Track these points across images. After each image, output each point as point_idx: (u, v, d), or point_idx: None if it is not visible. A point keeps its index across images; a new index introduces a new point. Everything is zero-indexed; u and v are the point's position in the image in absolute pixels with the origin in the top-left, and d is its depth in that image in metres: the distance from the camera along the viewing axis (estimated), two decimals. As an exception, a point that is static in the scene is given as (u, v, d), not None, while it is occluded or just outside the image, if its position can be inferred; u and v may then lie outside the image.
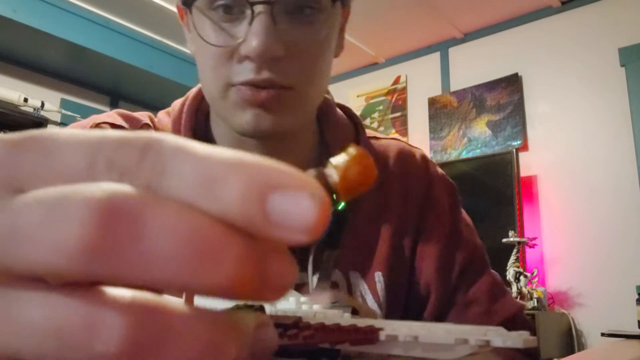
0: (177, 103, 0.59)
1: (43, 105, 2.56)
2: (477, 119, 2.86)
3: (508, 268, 2.28)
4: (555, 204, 2.53)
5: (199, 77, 0.53)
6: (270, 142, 0.53)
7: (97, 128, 0.55)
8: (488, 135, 2.80)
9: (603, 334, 1.48)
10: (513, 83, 2.75)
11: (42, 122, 2.53)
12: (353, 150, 0.17)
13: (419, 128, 3.09)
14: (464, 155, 2.83)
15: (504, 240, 2.30)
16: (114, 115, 0.57)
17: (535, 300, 2.22)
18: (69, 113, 2.66)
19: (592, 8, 2.58)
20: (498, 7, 2.74)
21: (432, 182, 0.61)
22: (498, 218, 2.43)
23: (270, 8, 0.45)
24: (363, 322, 0.26)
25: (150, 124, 0.58)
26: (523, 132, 2.68)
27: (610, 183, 2.39)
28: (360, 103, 3.37)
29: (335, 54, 0.55)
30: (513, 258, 2.29)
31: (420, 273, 0.58)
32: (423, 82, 3.13)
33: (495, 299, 0.58)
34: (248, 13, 0.46)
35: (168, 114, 0.59)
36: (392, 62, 3.27)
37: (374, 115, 3.30)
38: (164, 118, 0.59)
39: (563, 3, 2.66)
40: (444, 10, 2.78)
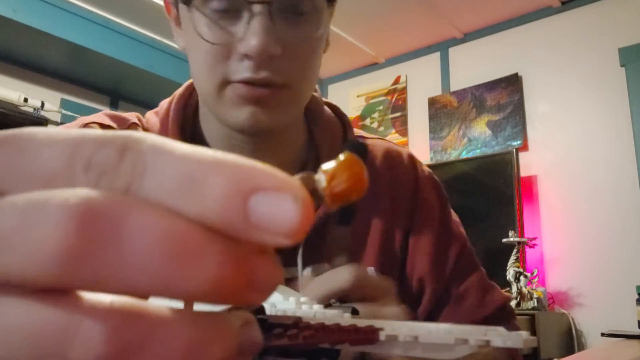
0: (164, 102, 0.60)
1: (43, 105, 2.56)
2: (477, 119, 2.86)
3: (508, 268, 2.28)
4: (555, 204, 2.53)
5: (192, 73, 0.54)
6: (260, 138, 0.54)
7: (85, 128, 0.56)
8: (488, 135, 2.80)
9: (603, 334, 1.48)
10: (513, 83, 2.75)
11: (42, 122, 2.54)
12: (343, 157, 0.17)
13: (419, 128, 3.09)
14: (464, 155, 2.83)
15: (504, 240, 2.31)
16: (102, 116, 0.58)
17: (535, 300, 2.22)
18: (69, 113, 2.66)
19: (592, 8, 2.58)
20: (498, 7, 2.74)
21: (419, 180, 0.63)
22: (498, 218, 2.43)
23: (268, 8, 0.46)
24: (363, 322, 0.26)
25: (139, 124, 0.59)
26: (523, 132, 2.68)
27: (610, 183, 2.39)
28: (360, 103, 3.37)
29: (324, 51, 0.56)
30: (513, 258, 2.29)
31: (414, 268, 0.59)
32: (423, 82, 3.13)
33: (487, 291, 0.60)
34: (245, 12, 0.46)
35: (156, 114, 0.60)
36: (392, 62, 3.27)
37: (374, 115, 3.30)
38: (152, 118, 0.59)
39: (563, 3, 2.66)
40: (444, 10, 2.78)
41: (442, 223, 0.62)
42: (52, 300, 0.12)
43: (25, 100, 2.48)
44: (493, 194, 2.49)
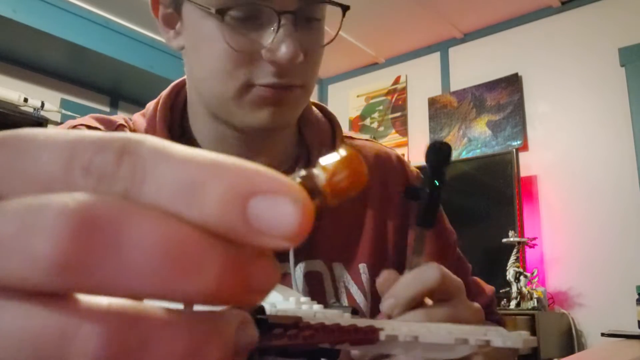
0: (150, 104, 0.61)
1: (43, 106, 2.56)
2: (477, 119, 2.86)
3: (508, 268, 2.28)
4: (555, 204, 2.53)
5: (196, 74, 0.55)
6: (255, 137, 0.56)
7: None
8: (488, 135, 2.80)
9: (603, 334, 1.48)
10: (513, 83, 2.75)
11: (42, 122, 2.53)
12: (344, 152, 0.16)
13: (419, 128, 3.09)
14: (464, 155, 2.83)
15: (504, 240, 2.30)
16: (89, 119, 0.59)
17: (535, 300, 2.21)
18: (69, 113, 2.66)
19: (592, 8, 2.58)
20: (498, 7, 2.74)
21: (409, 180, 0.66)
22: (498, 218, 2.43)
23: (294, 17, 0.49)
24: (363, 322, 0.26)
25: (126, 125, 0.60)
26: (523, 132, 2.68)
27: (610, 183, 2.39)
28: (360, 103, 3.37)
29: None
30: (513, 258, 2.29)
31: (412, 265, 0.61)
32: (423, 82, 3.13)
33: (478, 283, 0.64)
34: (270, 20, 0.49)
35: (143, 115, 0.61)
36: (392, 62, 3.27)
37: (374, 115, 3.30)
38: (139, 119, 0.60)
39: (563, 3, 2.66)
40: (444, 10, 2.78)
41: (437, 220, 0.65)
42: (50, 304, 0.12)
43: (25, 100, 2.48)
44: (493, 194, 2.49)
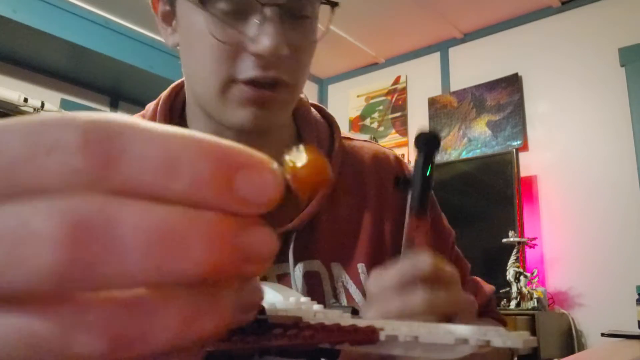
0: (150, 105, 0.61)
1: (43, 106, 2.56)
2: (477, 119, 2.86)
3: (508, 268, 2.28)
4: (555, 204, 2.53)
5: (188, 71, 0.54)
6: (252, 137, 0.55)
7: None
8: (488, 135, 2.80)
9: (603, 334, 1.48)
10: (513, 83, 2.75)
11: (42, 122, 2.53)
12: (305, 150, 0.17)
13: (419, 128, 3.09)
14: (464, 156, 2.83)
15: (504, 240, 2.30)
16: None
17: (535, 300, 2.21)
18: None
19: (592, 8, 2.58)
20: (498, 7, 2.74)
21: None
22: (498, 218, 2.43)
23: (279, 11, 0.48)
24: (363, 322, 0.26)
25: None
26: (523, 132, 2.68)
27: (610, 183, 2.39)
28: (360, 103, 3.37)
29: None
30: (513, 258, 2.29)
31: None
32: (423, 82, 3.13)
33: (477, 282, 0.65)
34: (256, 13, 0.48)
35: (143, 117, 0.61)
36: (392, 62, 3.27)
37: (374, 115, 3.30)
38: None
39: (563, 3, 2.66)
40: (444, 10, 2.78)
41: (434, 218, 0.66)
42: (50, 306, 0.12)
43: (25, 100, 2.48)
44: (493, 194, 2.49)
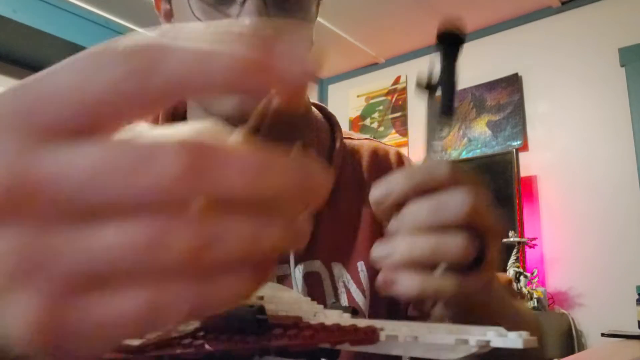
0: None
1: (43, 105, 2.56)
2: (477, 119, 2.86)
3: (508, 268, 2.28)
4: (555, 204, 2.53)
5: None
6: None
7: None
8: (488, 135, 2.80)
9: (603, 334, 1.48)
10: (513, 83, 2.75)
11: (42, 122, 2.53)
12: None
13: (419, 128, 3.08)
14: (464, 155, 2.83)
15: (504, 241, 2.30)
16: None
17: (535, 300, 2.22)
18: (69, 113, 2.66)
19: (592, 8, 2.58)
20: (498, 7, 2.74)
21: None
22: (498, 218, 2.43)
23: None
24: (363, 322, 0.26)
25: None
26: (523, 132, 2.68)
27: (610, 183, 2.39)
28: (360, 103, 3.37)
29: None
30: (513, 258, 2.29)
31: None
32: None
33: None
34: None
35: None
36: (392, 62, 3.27)
37: (374, 115, 3.30)
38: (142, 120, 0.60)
39: (563, 3, 2.66)
40: (444, 10, 2.78)
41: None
42: (145, 217, 0.15)
43: (25, 100, 2.48)
44: (493, 194, 2.49)
